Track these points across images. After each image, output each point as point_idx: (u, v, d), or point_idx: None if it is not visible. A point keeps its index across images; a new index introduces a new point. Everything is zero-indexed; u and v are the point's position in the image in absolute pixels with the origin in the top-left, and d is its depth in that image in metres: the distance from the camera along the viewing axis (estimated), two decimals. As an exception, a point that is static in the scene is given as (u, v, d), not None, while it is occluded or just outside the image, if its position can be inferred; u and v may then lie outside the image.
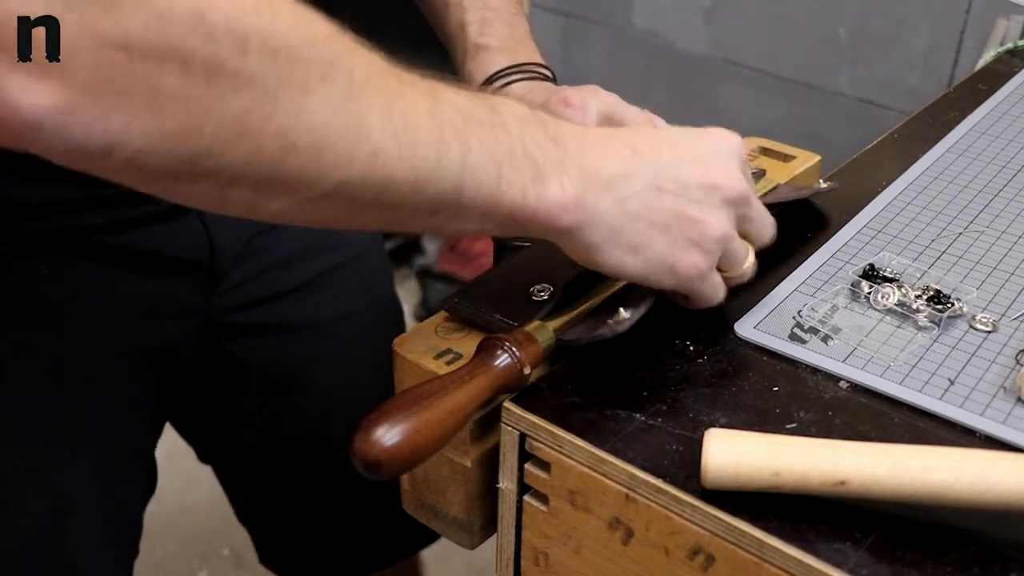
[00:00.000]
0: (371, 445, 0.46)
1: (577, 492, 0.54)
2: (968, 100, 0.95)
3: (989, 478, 0.46)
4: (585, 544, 0.55)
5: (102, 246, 0.73)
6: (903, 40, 1.76)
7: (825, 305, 0.64)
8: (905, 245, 0.71)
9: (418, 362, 0.58)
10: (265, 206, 0.43)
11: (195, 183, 0.40)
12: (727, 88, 2.01)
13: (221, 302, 0.82)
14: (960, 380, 0.57)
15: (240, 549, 1.67)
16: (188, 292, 0.79)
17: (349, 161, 0.43)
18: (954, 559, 0.47)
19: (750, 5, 1.92)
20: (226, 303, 0.82)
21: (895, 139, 0.87)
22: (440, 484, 0.60)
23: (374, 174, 0.43)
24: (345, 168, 0.43)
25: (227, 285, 0.81)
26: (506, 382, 0.53)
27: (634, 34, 2.11)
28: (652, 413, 0.55)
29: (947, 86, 1.51)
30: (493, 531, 0.61)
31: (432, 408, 0.48)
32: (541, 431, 0.54)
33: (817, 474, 0.48)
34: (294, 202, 0.43)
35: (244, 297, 0.83)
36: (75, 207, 0.69)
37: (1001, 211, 0.75)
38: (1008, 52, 1.09)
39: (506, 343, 0.54)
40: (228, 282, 0.81)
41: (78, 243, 0.72)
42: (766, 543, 0.48)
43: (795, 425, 0.54)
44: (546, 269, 0.64)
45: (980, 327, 0.62)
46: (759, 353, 0.60)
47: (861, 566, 0.46)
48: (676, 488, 0.50)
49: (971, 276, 0.67)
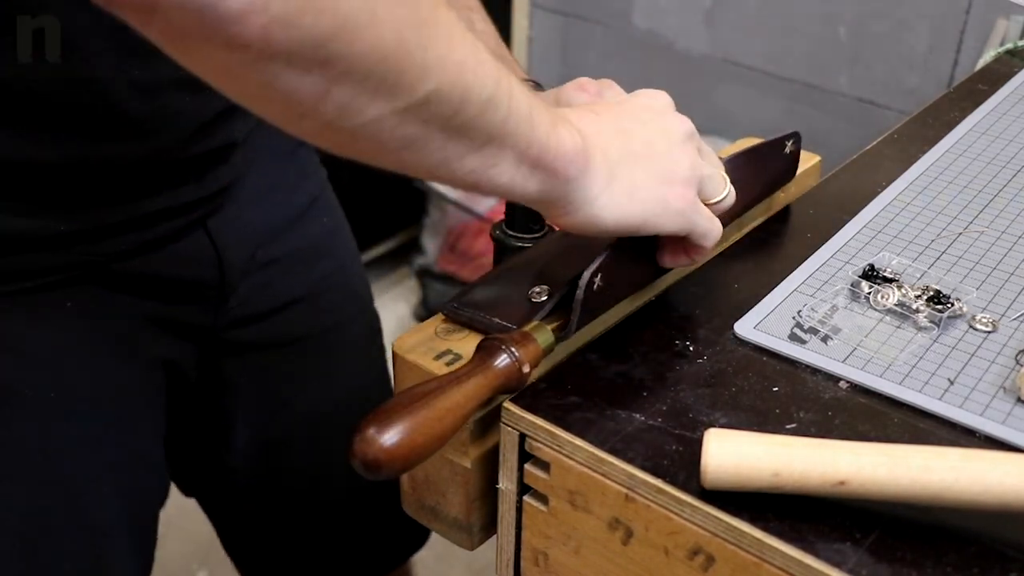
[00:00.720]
0: (370, 445, 0.46)
1: (577, 492, 0.54)
2: (968, 100, 0.95)
3: (989, 478, 0.46)
4: (585, 544, 0.55)
5: (119, 273, 0.72)
6: (903, 40, 1.76)
7: (825, 305, 0.64)
8: (905, 245, 0.71)
9: (418, 363, 0.58)
10: (359, 111, 0.43)
11: (307, 73, 0.40)
12: (727, 88, 2.01)
13: (227, 318, 0.81)
14: (960, 380, 0.57)
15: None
16: (200, 312, 0.79)
17: (442, 66, 0.44)
18: (954, 559, 0.47)
19: (750, 5, 1.92)
20: (231, 319, 0.82)
21: (895, 139, 0.87)
22: (440, 485, 0.60)
23: (458, 84, 0.45)
24: (438, 73, 0.44)
25: (235, 301, 0.81)
26: (505, 382, 0.53)
27: (634, 34, 2.11)
28: (652, 413, 0.55)
29: (947, 86, 1.51)
30: (493, 532, 0.61)
31: (431, 408, 0.48)
32: (541, 431, 0.54)
33: (817, 474, 0.48)
34: (387, 110, 0.43)
35: (250, 311, 0.83)
36: (93, 236, 0.69)
37: (1001, 211, 0.75)
38: (1008, 52, 1.09)
39: (505, 343, 0.54)
40: (236, 298, 0.81)
41: (96, 273, 0.71)
42: (766, 543, 0.47)
43: (795, 425, 0.54)
44: (545, 271, 0.64)
45: (980, 327, 0.62)
46: (759, 353, 0.60)
47: (861, 566, 0.46)
48: (676, 488, 0.50)
49: (971, 276, 0.67)
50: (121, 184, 0.68)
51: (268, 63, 0.39)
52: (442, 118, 0.46)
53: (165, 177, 0.70)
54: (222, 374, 0.85)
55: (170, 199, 0.71)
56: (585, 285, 0.57)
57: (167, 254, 0.74)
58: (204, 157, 0.72)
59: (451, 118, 0.46)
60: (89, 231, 0.68)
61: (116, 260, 0.71)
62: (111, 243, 0.70)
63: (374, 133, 0.44)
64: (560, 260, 0.65)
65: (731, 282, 0.67)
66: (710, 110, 2.02)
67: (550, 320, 0.58)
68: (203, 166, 0.72)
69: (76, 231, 0.68)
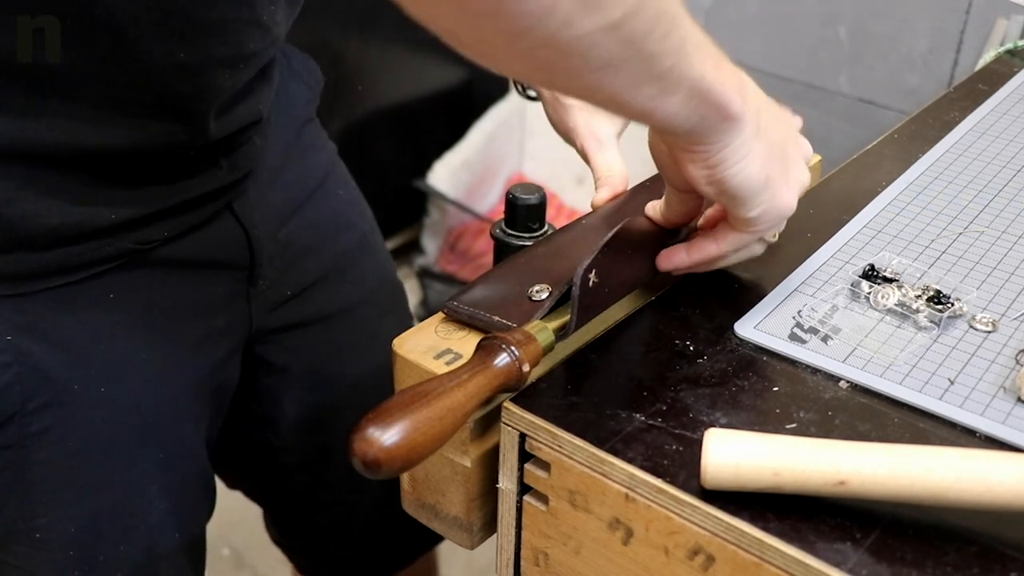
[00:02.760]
0: (369, 444, 0.46)
1: (577, 492, 0.54)
2: (968, 100, 0.95)
3: (990, 478, 0.46)
4: (585, 544, 0.55)
5: (157, 260, 0.72)
6: (903, 40, 1.76)
7: (825, 305, 0.64)
8: (905, 245, 0.71)
9: (418, 362, 0.58)
10: (576, 25, 0.44)
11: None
12: (727, 88, 2.00)
13: (259, 305, 0.82)
14: (960, 380, 0.57)
15: (240, 549, 1.67)
16: (234, 299, 0.79)
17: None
18: (954, 559, 0.47)
19: (750, 5, 1.92)
20: (262, 304, 0.82)
21: (895, 139, 0.87)
22: (440, 484, 0.60)
23: (652, 6, 0.47)
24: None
25: (264, 285, 0.81)
26: (505, 381, 0.53)
27: (634, 34, 2.11)
28: (652, 413, 0.55)
29: (947, 86, 1.51)
30: (493, 531, 0.61)
31: (430, 407, 0.48)
32: (541, 431, 0.54)
33: (817, 474, 0.48)
34: (599, 24, 0.45)
35: (277, 295, 0.83)
36: (140, 224, 0.69)
37: (1001, 211, 0.75)
38: (1008, 52, 1.09)
39: (505, 342, 0.54)
40: (265, 282, 0.81)
41: (140, 261, 0.71)
42: (766, 543, 0.47)
43: (795, 425, 0.54)
44: (544, 269, 0.64)
45: (980, 327, 0.62)
46: (759, 353, 0.60)
47: (861, 566, 0.46)
48: (676, 488, 0.50)
49: (971, 276, 0.67)
50: (165, 169, 0.69)
51: None
52: (640, 36, 0.47)
53: (203, 160, 0.71)
54: (263, 357, 0.86)
55: (207, 183, 0.72)
56: (580, 281, 0.56)
57: (201, 239, 0.75)
58: (234, 137, 0.72)
59: (646, 38, 0.47)
60: (136, 219, 0.69)
61: (158, 247, 0.72)
62: (155, 229, 0.70)
63: (584, 49, 0.45)
64: (560, 258, 0.65)
65: (731, 282, 0.67)
66: (710, 110, 2.02)
67: (550, 319, 0.58)
68: (233, 146, 0.73)
69: (124, 220, 0.68)
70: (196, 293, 0.76)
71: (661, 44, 0.48)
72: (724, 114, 0.53)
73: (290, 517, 1.00)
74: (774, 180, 0.58)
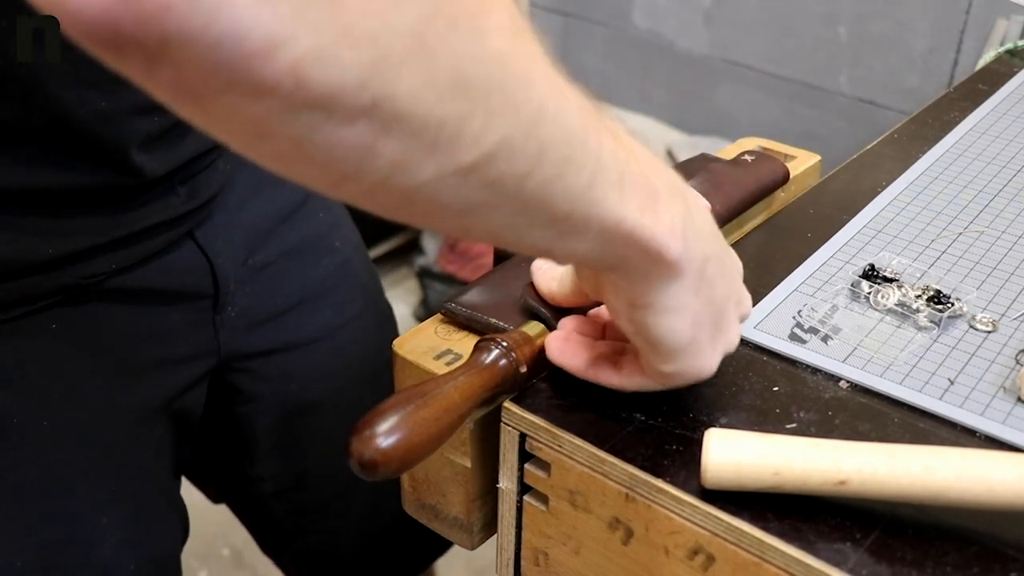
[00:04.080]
0: (366, 446, 0.46)
1: (577, 492, 0.54)
2: (968, 100, 0.95)
3: (990, 478, 0.46)
4: (585, 544, 0.55)
5: (108, 290, 0.70)
6: (903, 40, 1.76)
7: (825, 305, 0.64)
8: (905, 245, 0.71)
9: (418, 363, 0.58)
10: (412, 171, 0.35)
11: (349, 123, 0.33)
12: (727, 88, 2.00)
13: (228, 332, 0.80)
14: (960, 380, 0.57)
15: (240, 549, 1.67)
16: (197, 327, 0.77)
17: (516, 110, 0.36)
18: (954, 559, 0.47)
19: (750, 5, 1.92)
20: (232, 331, 0.80)
21: (895, 139, 0.87)
22: (440, 484, 0.60)
23: (533, 136, 0.38)
24: (512, 118, 0.36)
25: (232, 312, 0.79)
26: (502, 381, 0.53)
27: (634, 34, 2.11)
28: (652, 413, 0.55)
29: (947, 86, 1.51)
30: (493, 531, 0.61)
31: (427, 407, 0.48)
32: (541, 431, 0.54)
33: (817, 474, 0.48)
34: (446, 169, 0.36)
35: (249, 321, 0.81)
36: (83, 257, 0.67)
37: (1001, 211, 0.75)
38: (1008, 52, 1.09)
39: (502, 343, 0.54)
40: (233, 308, 0.79)
41: (88, 293, 0.69)
42: (766, 543, 0.47)
43: (795, 425, 0.54)
44: None
45: (980, 327, 0.62)
46: (759, 353, 0.60)
47: (861, 566, 0.46)
48: (676, 488, 0.50)
49: (971, 276, 0.67)
50: (107, 204, 0.67)
51: (302, 112, 0.32)
52: (512, 180, 0.38)
53: (152, 192, 0.69)
54: (235, 385, 0.84)
55: (162, 211, 0.70)
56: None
57: (159, 268, 0.72)
58: (192, 164, 0.70)
59: (527, 176, 0.38)
60: (78, 252, 0.67)
61: (107, 278, 0.70)
62: (101, 262, 0.68)
63: (431, 195, 0.37)
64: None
65: (731, 282, 0.67)
66: (710, 110, 2.02)
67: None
68: (192, 173, 0.71)
69: (64, 254, 0.66)
70: (152, 321, 0.74)
71: (548, 188, 0.39)
72: (655, 258, 0.45)
73: (272, 541, 0.99)
74: (701, 343, 0.50)
